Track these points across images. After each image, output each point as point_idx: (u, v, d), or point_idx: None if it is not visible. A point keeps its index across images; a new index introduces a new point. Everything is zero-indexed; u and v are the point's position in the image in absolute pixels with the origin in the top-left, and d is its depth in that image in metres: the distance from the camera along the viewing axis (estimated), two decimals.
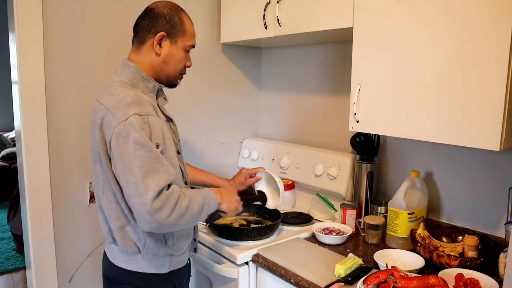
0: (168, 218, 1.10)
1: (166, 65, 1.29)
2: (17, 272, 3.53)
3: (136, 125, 1.11)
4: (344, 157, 1.87)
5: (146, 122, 1.13)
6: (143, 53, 1.27)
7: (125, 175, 1.10)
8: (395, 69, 1.36)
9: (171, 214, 1.10)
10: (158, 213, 1.08)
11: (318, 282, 1.30)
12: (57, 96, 1.72)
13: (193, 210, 1.17)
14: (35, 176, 1.69)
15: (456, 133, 1.23)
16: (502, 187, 1.47)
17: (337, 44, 1.97)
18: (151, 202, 1.08)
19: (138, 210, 1.09)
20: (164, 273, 1.29)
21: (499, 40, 1.11)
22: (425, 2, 1.26)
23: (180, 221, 1.14)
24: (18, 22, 1.60)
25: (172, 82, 1.36)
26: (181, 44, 1.29)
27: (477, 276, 1.22)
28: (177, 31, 1.27)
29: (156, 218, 1.09)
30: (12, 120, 2.02)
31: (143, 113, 1.14)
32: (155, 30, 1.25)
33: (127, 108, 1.13)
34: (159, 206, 1.09)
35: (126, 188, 1.11)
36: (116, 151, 1.12)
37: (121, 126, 1.11)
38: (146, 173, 1.09)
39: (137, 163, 1.09)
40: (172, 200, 1.11)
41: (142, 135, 1.11)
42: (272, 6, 1.78)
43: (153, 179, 1.09)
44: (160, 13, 1.26)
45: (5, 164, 5.38)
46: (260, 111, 2.46)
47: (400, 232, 1.55)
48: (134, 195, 1.09)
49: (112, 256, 1.30)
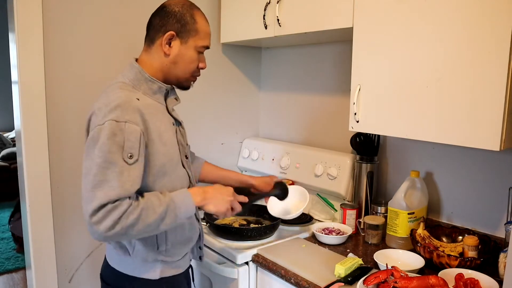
0: (110, 231, 1.04)
1: (176, 66, 1.24)
2: (17, 272, 3.53)
3: (108, 131, 1.06)
4: (344, 157, 1.87)
5: (122, 129, 1.07)
6: (153, 52, 1.23)
7: (84, 179, 1.07)
8: (395, 69, 1.36)
9: (114, 226, 1.04)
10: (97, 225, 1.03)
11: (318, 282, 1.30)
12: (57, 96, 1.72)
13: (147, 222, 1.08)
14: (35, 176, 1.69)
15: (456, 133, 1.23)
16: (502, 187, 1.47)
17: (337, 44, 1.97)
18: (91, 213, 1.03)
19: (84, 217, 1.05)
20: (155, 279, 1.24)
21: (499, 40, 1.11)
22: (425, 2, 1.26)
23: (129, 233, 1.07)
24: (18, 22, 1.60)
25: (183, 84, 1.30)
26: (192, 44, 1.23)
27: (477, 276, 1.22)
28: (188, 30, 1.21)
29: (96, 229, 1.04)
30: (12, 120, 2.02)
31: (122, 119, 1.08)
32: (165, 29, 1.20)
33: (108, 112, 1.09)
34: (98, 219, 1.03)
35: (82, 191, 1.07)
36: (85, 153, 1.10)
37: (96, 129, 1.08)
38: (98, 182, 1.04)
39: (94, 170, 1.05)
40: (115, 213, 1.04)
41: (108, 144, 1.06)
42: (272, 6, 1.78)
43: (101, 192, 1.04)
44: (171, 11, 1.21)
45: (5, 164, 5.38)
46: (260, 111, 2.46)
47: (400, 232, 1.55)
48: (84, 201, 1.06)
49: (109, 256, 1.30)
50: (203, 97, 2.21)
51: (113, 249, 1.25)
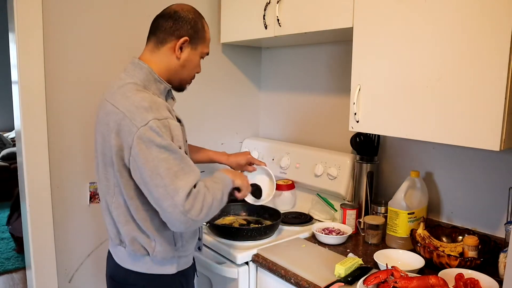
0: (200, 214, 1.12)
1: (183, 69, 1.29)
2: (17, 272, 3.53)
3: (157, 129, 1.10)
4: (344, 157, 1.87)
5: (166, 125, 1.12)
6: (161, 53, 1.25)
7: (153, 180, 1.09)
8: (395, 69, 1.36)
9: (202, 210, 1.12)
10: (190, 212, 1.09)
11: (318, 282, 1.30)
12: (57, 96, 1.72)
13: (217, 198, 1.19)
14: (35, 176, 1.69)
15: (456, 133, 1.23)
16: (502, 187, 1.47)
17: (337, 44, 1.97)
18: (183, 203, 1.08)
19: (171, 212, 1.09)
20: (172, 273, 1.28)
21: (499, 40, 1.11)
22: (425, 2, 1.26)
23: (209, 213, 1.16)
24: (18, 22, 1.60)
25: (183, 87, 1.36)
26: (200, 50, 1.30)
27: (477, 276, 1.22)
28: (199, 38, 1.28)
29: (189, 217, 1.10)
30: (12, 120, 2.02)
31: (162, 117, 1.12)
32: (179, 34, 1.24)
33: (145, 112, 1.11)
34: (191, 205, 1.10)
35: (155, 192, 1.10)
36: (140, 157, 1.10)
37: (141, 131, 1.09)
38: (174, 175, 1.09)
39: (164, 165, 1.09)
40: (200, 197, 1.12)
41: (164, 139, 1.10)
42: (272, 6, 1.78)
43: (182, 180, 1.10)
44: (185, 17, 1.25)
45: (5, 164, 5.38)
46: (260, 111, 2.46)
47: (400, 232, 1.55)
48: (165, 198, 1.09)
49: (118, 258, 1.29)
50: (203, 97, 2.21)
51: (127, 253, 1.25)
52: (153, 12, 1.94)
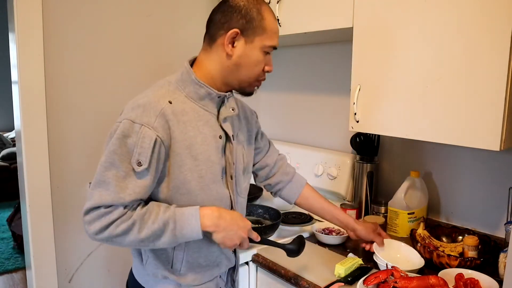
0: (98, 234, 0.99)
1: (239, 68, 1.08)
2: (17, 272, 3.53)
3: (121, 130, 0.98)
4: (344, 157, 1.87)
5: (136, 132, 0.98)
6: (213, 52, 1.08)
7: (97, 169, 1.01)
8: (395, 69, 1.36)
9: (103, 231, 0.98)
10: (88, 225, 0.99)
11: (318, 282, 1.30)
12: (57, 96, 1.72)
13: (139, 235, 0.98)
14: (35, 176, 1.69)
15: (456, 133, 1.23)
16: (502, 187, 1.47)
17: (337, 44, 1.97)
18: (84, 212, 0.99)
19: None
20: None
21: (499, 40, 1.11)
22: (425, 2, 1.26)
23: (121, 240, 0.99)
24: (18, 22, 1.60)
25: (246, 90, 1.15)
26: (258, 43, 1.07)
27: (477, 276, 1.22)
28: (255, 28, 1.05)
29: (86, 228, 1.00)
30: (12, 120, 2.02)
31: (139, 121, 0.98)
32: (228, 26, 1.04)
33: (130, 110, 1.01)
34: (90, 220, 0.98)
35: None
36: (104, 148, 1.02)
37: (114, 126, 1.01)
38: (97, 183, 0.98)
39: (100, 168, 0.99)
40: (105, 219, 0.97)
41: (116, 144, 0.97)
42: (272, 6, 1.78)
43: (98, 193, 0.97)
44: (235, 5, 1.05)
45: (5, 164, 5.38)
46: (260, 111, 2.46)
47: (400, 232, 1.55)
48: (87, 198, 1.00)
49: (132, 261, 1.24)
50: None
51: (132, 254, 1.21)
52: (153, 12, 1.95)
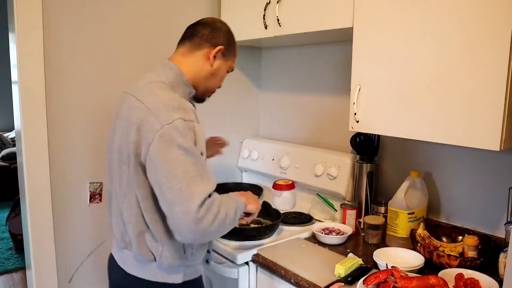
0: (211, 226, 1.06)
1: (212, 78, 1.29)
2: (17, 272, 3.53)
3: (181, 129, 1.06)
4: (344, 157, 1.87)
5: (191, 128, 1.09)
6: (194, 58, 1.26)
7: (168, 181, 1.04)
8: (395, 69, 1.36)
9: (213, 222, 1.06)
10: (202, 221, 1.04)
11: (318, 282, 1.30)
12: (57, 96, 1.72)
13: (230, 216, 1.13)
14: (35, 176, 1.69)
15: (456, 133, 1.23)
16: (502, 187, 1.47)
17: (337, 44, 1.97)
18: (196, 210, 1.02)
19: (181, 218, 1.03)
20: (178, 283, 1.23)
21: (499, 39, 1.11)
22: (425, 2, 1.26)
23: (221, 228, 1.10)
24: (18, 22, 1.60)
25: (205, 97, 1.36)
26: (229, 63, 1.32)
27: (477, 276, 1.22)
28: (231, 50, 1.31)
29: (200, 227, 1.04)
30: (12, 120, 2.02)
31: (188, 119, 1.09)
32: (215, 42, 1.26)
33: (172, 112, 1.08)
34: (203, 214, 1.04)
35: (168, 194, 1.04)
36: (158, 155, 1.05)
37: (165, 129, 1.05)
38: (191, 179, 1.04)
39: (182, 168, 1.04)
40: (214, 208, 1.07)
41: (187, 141, 1.06)
42: (272, 6, 1.78)
43: (198, 187, 1.04)
44: (222, 28, 1.29)
45: (5, 164, 5.38)
46: (260, 111, 2.46)
47: (400, 232, 1.55)
48: (179, 202, 1.03)
49: (123, 262, 1.25)
50: None
51: (133, 256, 1.22)
52: (153, 12, 1.95)
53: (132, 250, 1.21)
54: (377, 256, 1.39)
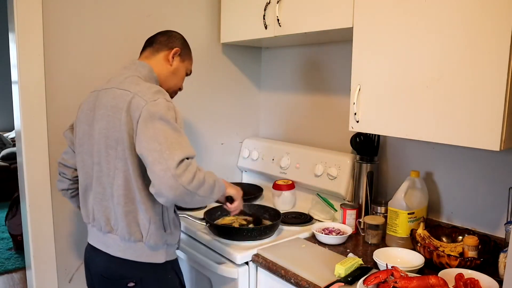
0: (190, 184, 1.13)
1: (172, 76, 1.44)
2: (17, 272, 3.53)
3: (164, 106, 1.19)
4: (344, 157, 1.87)
5: (172, 107, 1.22)
6: (156, 60, 1.42)
7: (149, 145, 1.13)
8: (395, 69, 1.36)
9: (192, 180, 1.14)
10: (181, 177, 1.11)
11: (318, 282, 1.30)
12: (57, 96, 1.72)
13: (209, 182, 1.21)
14: (35, 176, 1.69)
15: (456, 133, 1.23)
16: (502, 187, 1.47)
17: (337, 44, 1.97)
18: (175, 166, 1.11)
19: (162, 176, 1.11)
20: (161, 262, 1.32)
21: (499, 39, 1.11)
22: (425, 2, 1.26)
23: (199, 190, 1.17)
24: (18, 22, 1.60)
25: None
26: (186, 64, 1.49)
27: (477, 276, 1.22)
28: (187, 53, 1.49)
29: (180, 182, 1.11)
30: (12, 120, 2.02)
31: (169, 100, 1.24)
32: (172, 45, 1.43)
33: (155, 94, 1.22)
34: (182, 171, 1.12)
35: (149, 157, 1.13)
36: (142, 125, 1.16)
37: (149, 104, 1.18)
38: (171, 144, 1.14)
39: (163, 134, 1.15)
40: (192, 168, 1.15)
41: (169, 114, 1.18)
42: (272, 6, 1.78)
43: (178, 150, 1.14)
44: (177, 35, 1.48)
45: (5, 164, 5.38)
46: (260, 111, 2.46)
47: (400, 232, 1.55)
48: (158, 162, 1.11)
49: (107, 247, 1.32)
50: (203, 97, 2.21)
51: (120, 238, 1.28)
52: (153, 12, 1.95)
53: (118, 231, 1.28)
54: (377, 256, 1.39)
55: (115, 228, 1.29)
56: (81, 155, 1.35)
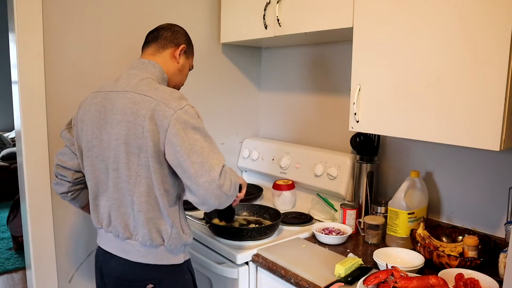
0: (229, 190, 1.21)
1: (179, 74, 1.43)
2: (17, 272, 3.53)
3: (192, 113, 1.21)
4: (344, 157, 1.87)
5: (197, 113, 1.24)
6: (162, 57, 1.38)
7: (189, 157, 1.16)
8: (395, 69, 1.36)
9: (231, 186, 1.22)
10: (224, 186, 1.19)
11: (318, 282, 1.30)
12: (57, 96, 1.72)
13: (236, 181, 1.28)
14: (35, 176, 1.69)
15: (456, 133, 1.23)
16: (502, 187, 1.47)
17: (337, 44, 1.97)
18: (218, 178, 1.17)
19: (207, 188, 1.16)
20: (180, 263, 1.33)
21: (499, 40, 1.11)
22: (425, 2, 1.26)
23: (234, 192, 1.25)
24: (18, 22, 1.60)
25: None
26: (190, 61, 1.47)
27: (477, 276, 1.22)
28: (191, 49, 1.46)
29: (224, 191, 1.19)
30: (12, 120, 2.02)
31: (193, 106, 1.25)
32: (177, 42, 1.40)
33: (179, 100, 1.21)
34: (223, 180, 1.19)
35: (191, 169, 1.16)
36: (176, 137, 1.16)
37: (178, 113, 1.18)
38: (208, 154, 1.18)
39: (199, 145, 1.18)
40: (228, 175, 1.22)
41: (198, 122, 1.21)
42: (272, 6, 1.78)
43: (215, 159, 1.19)
44: (181, 30, 1.44)
45: (5, 164, 5.37)
46: (260, 111, 2.46)
47: (400, 232, 1.55)
48: (202, 174, 1.16)
49: (125, 252, 1.28)
50: (203, 97, 2.21)
51: (140, 244, 1.27)
52: (153, 12, 1.95)
53: (139, 237, 1.26)
54: (377, 256, 1.39)
55: (134, 234, 1.27)
56: (91, 160, 1.30)
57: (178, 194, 1.29)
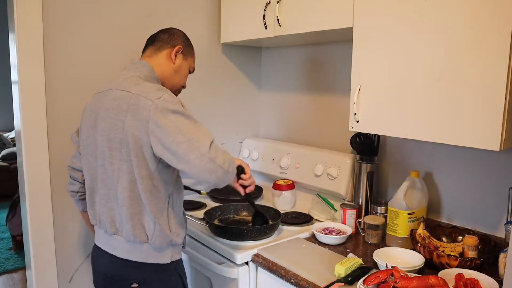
0: (224, 164, 1.17)
1: (176, 74, 1.43)
2: (17, 272, 3.53)
3: (170, 100, 1.19)
4: (344, 157, 1.87)
5: (178, 100, 1.22)
6: (158, 58, 1.40)
7: (175, 139, 1.14)
8: (395, 69, 1.36)
9: (224, 160, 1.18)
10: (217, 159, 1.15)
11: (318, 282, 1.30)
12: (57, 96, 1.72)
13: (230, 157, 1.23)
14: (35, 176, 1.69)
15: (456, 133, 1.23)
16: (502, 187, 1.47)
17: (337, 44, 1.97)
18: (208, 151, 1.14)
19: (198, 164, 1.13)
20: (167, 263, 1.32)
21: (499, 40, 1.11)
22: (425, 2, 1.26)
23: (230, 168, 1.20)
24: (18, 22, 1.60)
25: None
26: (189, 62, 1.47)
27: (477, 276, 1.22)
28: (190, 51, 1.47)
29: (218, 164, 1.15)
30: (12, 120, 2.02)
31: (172, 95, 1.23)
32: (174, 43, 1.41)
33: (157, 91, 1.21)
34: (215, 154, 1.15)
35: (179, 149, 1.14)
36: (158, 125, 1.16)
37: (157, 102, 1.17)
38: (193, 132, 1.16)
39: (183, 125, 1.16)
40: (219, 149, 1.19)
41: (179, 107, 1.19)
42: (272, 6, 1.78)
43: (202, 135, 1.17)
44: (179, 32, 1.45)
45: (5, 164, 5.38)
46: (260, 111, 2.46)
47: (400, 232, 1.55)
48: (190, 151, 1.13)
49: (113, 248, 1.31)
50: (203, 97, 2.21)
51: (125, 240, 1.28)
52: (153, 12, 1.95)
53: (124, 233, 1.28)
54: (377, 256, 1.39)
55: (120, 229, 1.29)
56: (86, 157, 1.35)
57: (170, 193, 1.29)
